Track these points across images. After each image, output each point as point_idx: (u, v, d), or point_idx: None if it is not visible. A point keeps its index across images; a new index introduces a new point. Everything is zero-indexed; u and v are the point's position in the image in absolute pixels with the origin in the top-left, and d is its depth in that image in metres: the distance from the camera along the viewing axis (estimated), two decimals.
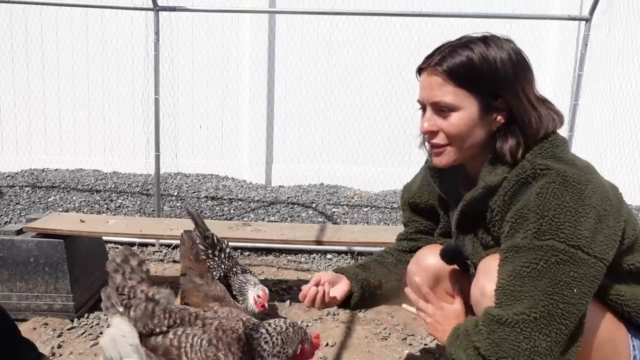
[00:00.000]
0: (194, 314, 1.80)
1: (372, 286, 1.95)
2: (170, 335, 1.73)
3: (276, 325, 1.75)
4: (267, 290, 2.48)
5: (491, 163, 1.52)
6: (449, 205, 1.79)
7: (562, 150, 1.46)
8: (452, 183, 1.74)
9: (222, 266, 2.58)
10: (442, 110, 1.50)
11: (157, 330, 1.75)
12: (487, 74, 1.44)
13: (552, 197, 1.35)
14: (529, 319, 1.32)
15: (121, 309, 1.90)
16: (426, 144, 1.64)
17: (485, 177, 1.52)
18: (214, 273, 2.53)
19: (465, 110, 1.47)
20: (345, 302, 1.92)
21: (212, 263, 2.58)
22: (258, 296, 2.43)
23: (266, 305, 2.45)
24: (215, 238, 2.67)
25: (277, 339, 1.71)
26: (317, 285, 1.82)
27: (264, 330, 1.72)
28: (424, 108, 1.57)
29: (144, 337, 1.76)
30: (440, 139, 1.54)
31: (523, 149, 1.45)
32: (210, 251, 2.61)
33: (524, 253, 1.36)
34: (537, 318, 1.32)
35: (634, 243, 1.47)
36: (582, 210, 1.34)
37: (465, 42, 1.48)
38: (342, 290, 1.88)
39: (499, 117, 1.48)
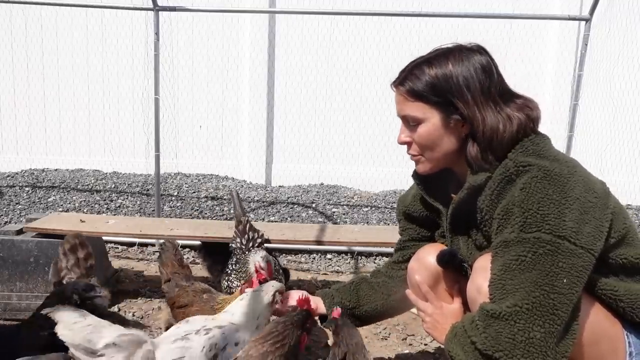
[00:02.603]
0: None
1: (349, 307, 2.06)
2: None
3: None
4: (271, 260, 2.37)
5: (470, 167, 1.59)
6: (441, 211, 1.82)
7: (542, 148, 1.50)
8: (443, 189, 1.80)
9: (245, 250, 2.60)
10: (410, 123, 1.64)
11: None
12: (443, 89, 1.55)
13: (535, 191, 1.39)
14: (522, 311, 1.35)
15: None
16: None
17: (469, 178, 1.59)
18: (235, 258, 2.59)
19: (429, 121, 1.60)
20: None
21: (238, 252, 2.63)
22: (261, 267, 2.31)
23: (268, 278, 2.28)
24: (247, 226, 2.71)
25: None
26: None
27: None
28: None
29: None
30: (413, 150, 1.69)
31: (488, 153, 1.53)
32: (239, 240, 2.67)
33: (513, 247, 1.40)
34: (529, 309, 1.35)
35: (624, 236, 1.49)
36: (566, 202, 1.37)
37: (427, 59, 1.61)
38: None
39: (464, 125, 1.57)
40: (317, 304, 2.06)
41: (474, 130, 1.55)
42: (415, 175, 1.84)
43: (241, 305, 1.90)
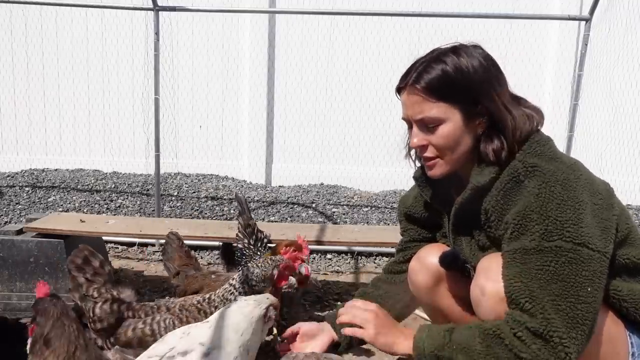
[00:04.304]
0: (155, 306, 1.92)
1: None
2: (140, 325, 1.82)
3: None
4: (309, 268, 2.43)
5: (479, 165, 1.56)
6: (442, 213, 1.81)
7: (549, 149, 1.50)
8: (445, 190, 1.77)
9: (258, 253, 2.67)
10: (428, 125, 1.55)
11: (126, 325, 1.85)
12: (462, 83, 1.49)
13: (552, 197, 1.38)
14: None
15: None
16: (411, 154, 1.74)
17: (473, 178, 1.56)
18: (246, 257, 2.66)
19: (450, 121, 1.52)
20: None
21: (247, 252, 2.70)
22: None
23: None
24: (255, 228, 2.76)
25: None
26: (293, 334, 1.92)
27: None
28: (409, 124, 1.62)
29: (111, 336, 1.85)
30: (430, 152, 1.59)
31: (506, 149, 1.50)
32: (246, 240, 2.71)
33: (534, 256, 1.38)
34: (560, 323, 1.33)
35: (626, 237, 1.49)
36: (579, 207, 1.37)
37: (437, 56, 1.54)
38: (322, 343, 1.91)
39: (482, 122, 1.53)
40: (318, 331, 1.94)
41: (495, 125, 1.51)
42: (419, 177, 1.81)
43: (221, 317, 1.61)
